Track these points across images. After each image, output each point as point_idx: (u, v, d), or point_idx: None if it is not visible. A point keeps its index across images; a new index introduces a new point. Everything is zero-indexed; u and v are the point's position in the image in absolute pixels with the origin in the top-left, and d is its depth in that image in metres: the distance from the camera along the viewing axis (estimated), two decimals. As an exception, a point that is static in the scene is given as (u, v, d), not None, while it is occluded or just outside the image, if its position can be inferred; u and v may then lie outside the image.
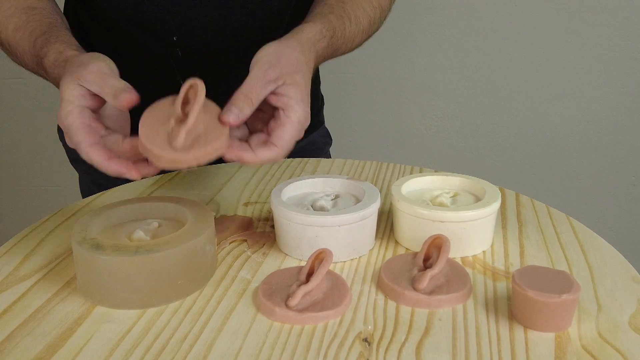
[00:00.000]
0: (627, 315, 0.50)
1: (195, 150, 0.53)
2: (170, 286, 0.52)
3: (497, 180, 0.74)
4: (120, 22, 0.76)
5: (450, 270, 0.55)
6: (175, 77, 0.79)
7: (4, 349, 0.46)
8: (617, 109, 1.53)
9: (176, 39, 0.76)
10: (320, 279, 0.51)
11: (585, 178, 1.60)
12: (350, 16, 0.71)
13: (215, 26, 0.76)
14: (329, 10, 0.69)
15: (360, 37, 0.75)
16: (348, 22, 0.71)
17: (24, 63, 0.70)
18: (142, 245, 0.52)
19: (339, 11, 0.70)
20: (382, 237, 0.64)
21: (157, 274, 0.51)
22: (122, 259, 0.50)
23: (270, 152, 0.57)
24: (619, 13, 1.43)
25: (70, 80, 0.56)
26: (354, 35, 0.72)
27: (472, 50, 1.52)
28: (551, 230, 0.65)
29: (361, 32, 0.74)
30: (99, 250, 0.51)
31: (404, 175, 0.81)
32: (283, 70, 0.58)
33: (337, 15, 0.69)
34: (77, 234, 0.53)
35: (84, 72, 0.56)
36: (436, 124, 1.61)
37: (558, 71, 1.51)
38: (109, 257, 0.50)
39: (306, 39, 0.63)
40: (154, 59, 0.78)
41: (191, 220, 0.55)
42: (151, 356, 0.45)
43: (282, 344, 0.47)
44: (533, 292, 0.47)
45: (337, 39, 0.69)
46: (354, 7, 0.72)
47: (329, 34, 0.67)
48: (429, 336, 0.47)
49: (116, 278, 0.51)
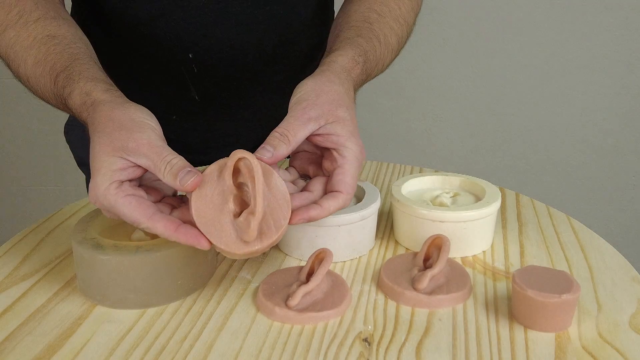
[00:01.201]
0: (627, 315, 0.50)
1: (268, 239, 0.48)
2: (171, 286, 0.52)
3: (497, 180, 0.74)
4: (133, 38, 0.75)
5: (451, 270, 0.55)
6: (191, 94, 0.78)
7: (4, 348, 0.46)
8: (617, 109, 1.53)
9: (192, 56, 0.74)
10: (321, 279, 0.51)
11: (586, 178, 1.60)
12: (379, 36, 0.67)
13: (231, 43, 0.75)
14: (356, 33, 0.66)
15: (390, 57, 0.71)
16: (377, 43, 0.67)
17: (48, 100, 0.63)
18: (142, 245, 0.51)
19: (367, 33, 0.66)
20: (382, 237, 0.64)
21: (157, 273, 0.51)
22: (122, 258, 0.50)
23: (338, 201, 0.52)
24: (619, 13, 1.43)
25: (111, 151, 0.49)
26: (384, 55, 0.69)
27: (472, 51, 1.52)
28: (551, 230, 0.65)
29: (390, 51, 0.70)
30: (99, 249, 0.50)
31: (404, 175, 0.81)
32: (324, 108, 0.54)
33: (365, 38, 0.65)
34: (77, 233, 0.53)
35: (128, 142, 0.49)
36: (436, 124, 1.61)
37: (558, 71, 1.51)
38: (109, 257, 0.50)
39: (341, 69, 0.59)
40: (169, 75, 0.76)
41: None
42: (151, 356, 0.45)
43: (282, 343, 0.47)
44: (533, 292, 0.47)
45: (369, 62, 0.65)
46: (382, 27, 0.69)
47: (362, 59, 0.63)
48: (429, 336, 0.47)
49: (116, 277, 0.50)
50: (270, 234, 0.48)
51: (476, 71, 1.54)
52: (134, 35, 0.74)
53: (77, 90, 0.56)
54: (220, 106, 0.79)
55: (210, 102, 0.79)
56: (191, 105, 0.79)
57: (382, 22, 0.69)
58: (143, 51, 0.76)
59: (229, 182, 0.49)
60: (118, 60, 0.80)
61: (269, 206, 0.49)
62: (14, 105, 1.75)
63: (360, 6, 0.71)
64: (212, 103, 0.79)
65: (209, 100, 0.79)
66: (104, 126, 0.51)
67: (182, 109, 0.80)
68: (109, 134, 0.50)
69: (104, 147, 0.50)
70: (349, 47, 0.63)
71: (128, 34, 0.75)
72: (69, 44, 0.61)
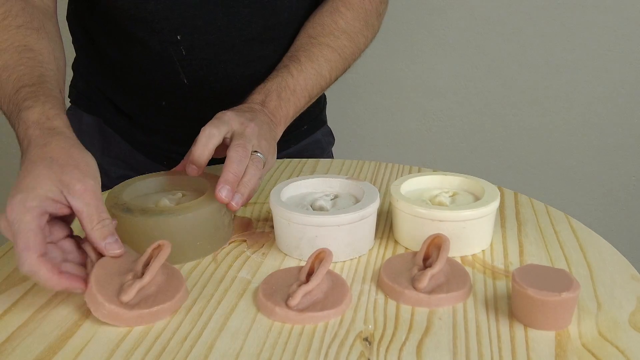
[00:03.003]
0: (626, 313, 0.50)
1: (140, 311, 0.49)
2: (190, 246, 0.59)
3: (495, 179, 0.74)
4: (123, 20, 0.76)
5: (450, 269, 0.55)
6: (179, 76, 0.79)
7: (4, 349, 0.46)
8: (616, 108, 1.53)
9: (180, 38, 0.76)
10: (321, 279, 0.51)
11: (584, 177, 1.60)
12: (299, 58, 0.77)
13: (218, 25, 0.76)
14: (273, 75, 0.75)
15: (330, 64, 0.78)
16: (296, 64, 0.76)
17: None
18: (166, 210, 0.59)
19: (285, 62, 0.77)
20: (381, 237, 0.64)
21: (178, 234, 0.58)
22: (148, 219, 0.57)
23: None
24: (619, 13, 1.44)
25: (56, 180, 0.50)
26: (318, 67, 0.77)
27: (472, 50, 1.52)
28: (550, 229, 0.65)
29: (327, 60, 0.78)
30: (128, 212, 0.58)
31: (402, 174, 0.81)
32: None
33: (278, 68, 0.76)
34: (110, 199, 0.60)
35: (77, 183, 0.50)
36: (436, 124, 1.61)
37: (558, 71, 1.51)
38: (137, 218, 0.57)
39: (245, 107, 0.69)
40: (158, 57, 0.78)
41: (210, 189, 0.61)
42: (152, 357, 0.45)
43: (283, 343, 0.47)
44: (533, 290, 0.47)
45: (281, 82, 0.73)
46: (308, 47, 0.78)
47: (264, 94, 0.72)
48: (430, 335, 0.47)
49: (142, 237, 0.57)
50: (144, 308, 0.49)
51: (475, 71, 1.54)
52: (124, 18, 0.76)
53: (38, 108, 0.57)
54: (209, 91, 0.80)
55: (199, 87, 0.80)
56: (180, 89, 0.80)
57: (310, 43, 0.78)
58: (133, 35, 0.77)
59: (139, 265, 0.52)
60: (109, 45, 0.80)
61: (158, 290, 0.51)
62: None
63: (300, 33, 0.81)
64: (200, 87, 0.80)
65: (197, 84, 0.80)
66: (57, 155, 0.52)
67: (171, 93, 0.81)
68: (62, 165, 0.51)
69: (50, 174, 0.50)
70: (256, 91, 0.73)
71: (118, 16, 0.76)
72: (42, 62, 0.63)
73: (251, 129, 0.64)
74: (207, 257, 0.60)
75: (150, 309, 0.49)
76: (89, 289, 0.49)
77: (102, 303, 0.48)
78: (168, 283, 0.52)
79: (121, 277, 0.51)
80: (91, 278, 0.50)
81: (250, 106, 0.70)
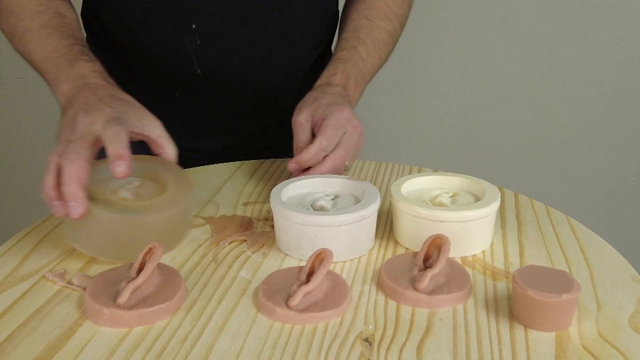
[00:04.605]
0: (627, 315, 0.50)
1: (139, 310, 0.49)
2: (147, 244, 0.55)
3: (496, 180, 0.74)
4: (137, 10, 0.76)
5: (451, 270, 0.55)
6: (193, 66, 0.79)
7: (4, 349, 0.46)
8: (617, 108, 1.53)
9: (195, 27, 0.76)
10: (321, 279, 0.51)
11: (585, 178, 1.60)
12: (365, 41, 0.79)
13: (234, 15, 0.76)
14: (340, 47, 0.79)
15: (386, 50, 0.82)
16: (364, 48, 0.78)
17: (30, 52, 0.70)
18: (130, 206, 0.58)
19: (352, 42, 0.79)
20: (382, 237, 0.64)
21: (141, 233, 0.57)
22: (112, 215, 0.56)
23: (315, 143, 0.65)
24: (619, 13, 1.44)
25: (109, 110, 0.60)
26: (377, 52, 0.80)
27: (472, 50, 1.52)
28: (550, 230, 0.65)
29: (383, 46, 0.81)
30: (92, 201, 0.56)
31: (403, 175, 0.81)
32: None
33: (348, 48, 0.78)
34: None
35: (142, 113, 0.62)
36: (436, 124, 1.61)
37: (558, 70, 1.51)
38: (101, 211, 0.56)
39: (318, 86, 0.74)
40: (172, 47, 0.78)
41: (173, 187, 0.61)
42: (152, 357, 0.45)
43: (283, 344, 0.47)
44: (533, 291, 0.47)
45: (356, 66, 0.77)
46: (369, 31, 0.80)
47: (342, 67, 0.76)
48: (430, 336, 0.47)
49: (103, 231, 0.57)
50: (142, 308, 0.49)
51: (475, 71, 1.54)
52: (139, 7, 0.76)
53: (91, 62, 0.67)
54: (222, 82, 0.81)
55: (212, 77, 0.80)
56: (193, 79, 0.80)
57: (369, 26, 0.81)
58: (147, 25, 0.77)
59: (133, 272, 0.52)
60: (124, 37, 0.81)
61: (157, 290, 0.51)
62: (14, 105, 1.74)
63: (353, 14, 0.82)
64: (214, 78, 0.80)
65: (211, 74, 0.80)
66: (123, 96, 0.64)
67: (184, 84, 0.82)
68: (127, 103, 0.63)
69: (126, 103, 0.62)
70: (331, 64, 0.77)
71: (132, 6, 0.76)
72: (78, 28, 0.72)
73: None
74: (207, 257, 0.60)
75: (149, 308, 0.49)
76: (85, 302, 0.50)
77: (100, 309, 0.49)
78: (166, 283, 0.52)
79: (116, 286, 0.51)
80: (86, 294, 0.51)
81: (340, 92, 0.72)
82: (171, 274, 0.54)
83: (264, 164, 0.84)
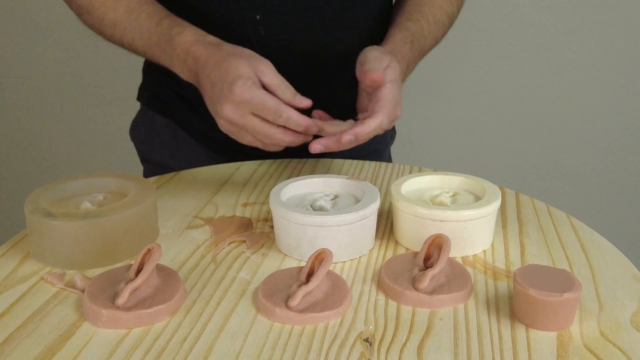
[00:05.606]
0: (628, 314, 0.50)
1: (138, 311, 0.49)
2: (116, 249, 0.58)
3: (497, 179, 0.73)
4: (201, 1, 0.76)
5: (451, 269, 0.54)
6: None
7: (2, 351, 0.46)
8: (618, 108, 1.53)
9: (259, 18, 0.76)
10: (321, 279, 0.51)
11: (586, 177, 1.60)
12: (428, 18, 0.79)
13: (297, 5, 0.76)
14: (406, 17, 0.79)
15: (442, 32, 0.83)
16: (426, 24, 0.79)
17: (130, 43, 0.72)
18: (90, 212, 0.57)
19: (416, 16, 0.79)
20: (382, 237, 0.64)
21: (104, 237, 0.57)
22: (72, 223, 0.56)
23: (376, 119, 0.64)
24: (620, 13, 1.43)
25: (247, 64, 0.63)
26: (435, 32, 0.81)
27: (472, 50, 1.52)
28: (551, 230, 0.65)
29: (441, 27, 0.82)
30: (50, 217, 0.56)
31: (403, 174, 0.80)
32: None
33: (414, 20, 0.78)
34: (29, 205, 0.59)
35: (259, 64, 0.63)
36: (436, 124, 1.61)
37: (559, 70, 1.51)
38: (60, 222, 0.55)
39: (391, 49, 0.73)
40: (236, 38, 0.77)
41: (134, 191, 0.62)
42: (151, 358, 0.45)
43: (283, 344, 0.46)
44: (535, 290, 0.46)
45: (418, 41, 0.77)
46: (431, 8, 0.81)
47: (409, 40, 0.76)
48: (431, 336, 0.47)
49: (67, 241, 0.56)
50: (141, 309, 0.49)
51: (476, 70, 1.54)
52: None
53: (189, 31, 0.68)
54: (284, 73, 0.80)
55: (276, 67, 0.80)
56: None
57: (431, 3, 0.81)
58: (212, 15, 0.77)
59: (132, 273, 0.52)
60: None
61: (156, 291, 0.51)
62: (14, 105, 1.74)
63: None
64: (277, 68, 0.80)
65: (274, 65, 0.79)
66: (235, 51, 0.65)
67: None
68: (247, 57, 0.64)
69: (242, 61, 0.63)
70: (397, 30, 0.76)
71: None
72: (157, 3, 0.73)
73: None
74: (206, 257, 0.60)
75: (148, 309, 0.49)
76: (84, 303, 0.50)
77: (99, 310, 0.48)
78: (165, 284, 0.52)
79: (114, 287, 0.51)
80: (84, 295, 0.51)
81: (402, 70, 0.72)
82: (170, 274, 0.54)
83: (263, 165, 0.84)
